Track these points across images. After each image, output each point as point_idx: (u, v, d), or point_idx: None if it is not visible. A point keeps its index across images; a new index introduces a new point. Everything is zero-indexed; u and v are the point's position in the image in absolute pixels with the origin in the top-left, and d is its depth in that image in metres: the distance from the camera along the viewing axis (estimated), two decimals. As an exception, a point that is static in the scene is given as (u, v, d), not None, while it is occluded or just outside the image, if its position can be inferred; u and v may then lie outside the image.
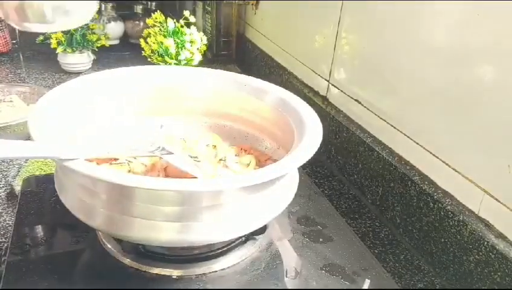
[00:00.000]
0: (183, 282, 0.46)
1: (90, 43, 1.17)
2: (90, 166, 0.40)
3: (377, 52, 0.71)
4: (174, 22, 1.05)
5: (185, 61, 1.06)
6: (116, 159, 0.51)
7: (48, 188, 0.59)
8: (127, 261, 0.47)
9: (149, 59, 1.07)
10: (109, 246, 0.49)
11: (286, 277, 0.48)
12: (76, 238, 0.51)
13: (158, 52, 1.04)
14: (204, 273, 0.47)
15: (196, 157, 0.56)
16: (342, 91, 0.80)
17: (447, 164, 0.57)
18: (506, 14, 0.48)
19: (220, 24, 1.26)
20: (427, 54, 0.60)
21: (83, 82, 0.56)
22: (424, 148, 0.61)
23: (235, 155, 0.57)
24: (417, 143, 0.63)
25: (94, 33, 1.18)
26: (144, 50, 1.08)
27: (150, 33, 1.07)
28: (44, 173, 0.73)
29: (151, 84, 0.61)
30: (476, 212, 0.53)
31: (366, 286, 0.47)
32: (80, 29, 1.13)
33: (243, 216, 0.44)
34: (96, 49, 1.20)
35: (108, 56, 1.28)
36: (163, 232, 0.41)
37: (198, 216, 0.42)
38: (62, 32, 1.12)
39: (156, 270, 0.47)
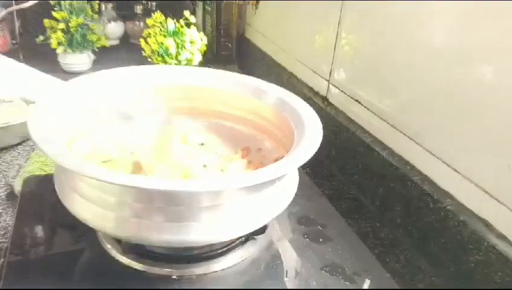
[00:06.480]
0: (183, 282, 0.46)
1: (90, 43, 1.17)
2: (90, 166, 0.40)
3: (377, 52, 0.70)
4: (174, 22, 1.05)
5: (185, 62, 1.06)
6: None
7: (47, 188, 0.59)
8: (127, 261, 0.47)
9: (149, 59, 1.07)
10: (109, 246, 0.49)
11: (286, 277, 0.48)
12: (76, 238, 0.51)
13: (158, 52, 1.05)
14: (204, 273, 0.47)
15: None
16: (342, 91, 0.80)
17: (447, 164, 0.57)
18: (506, 14, 0.48)
19: (220, 24, 1.26)
20: (427, 54, 0.60)
21: (82, 82, 0.56)
22: (424, 148, 0.61)
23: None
24: (417, 143, 0.63)
25: (94, 33, 1.18)
26: (144, 50, 1.08)
27: (150, 33, 1.07)
28: (45, 173, 0.73)
29: (151, 84, 0.61)
30: (476, 213, 0.53)
31: (366, 286, 0.47)
32: (80, 30, 1.13)
33: (243, 216, 0.44)
34: (96, 49, 1.20)
35: (108, 56, 1.28)
36: (163, 232, 0.41)
37: (198, 216, 0.42)
38: (62, 32, 1.12)
39: (156, 270, 0.47)
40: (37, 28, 1.30)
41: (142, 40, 1.09)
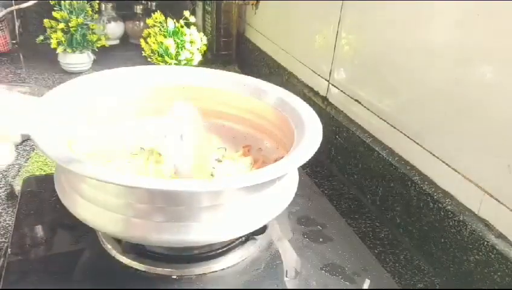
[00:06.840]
0: (183, 282, 0.46)
1: (90, 43, 1.17)
2: (90, 166, 0.40)
3: (377, 52, 0.70)
4: (174, 22, 1.05)
5: (185, 62, 1.06)
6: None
7: (47, 188, 0.59)
8: (127, 261, 0.47)
9: (149, 59, 1.07)
10: (109, 246, 0.49)
11: (286, 277, 0.48)
12: (76, 238, 0.51)
13: (158, 52, 1.04)
14: (204, 273, 0.47)
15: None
16: (342, 91, 0.80)
17: (447, 164, 0.57)
18: (506, 14, 0.48)
19: (220, 24, 1.26)
20: (427, 54, 0.60)
21: (83, 82, 0.56)
22: (424, 148, 0.61)
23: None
24: (417, 143, 0.63)
25: (94, 33, 1.18)
26: (144, 50, 1.08)
27: (150, 33, 1.07)
28: (44, 173, 0.73)
29: (151, 84, 0.61)
30: (476, 212, 0.53)
31: (366, 286, 0.47)
32: (79, 29, 1.13)
33: (243, 216, 0.44)
34: (96, 49, 1.20)
35: (108, 56, 1.28)
36: (163, 232, 0.41)
37: (198, 216, 0.42)
38: (62, 32, 1.12)
39: (156, 270, 0.47)
40: (37, 27, 1.31)
41: (142, 40, 1.09)
